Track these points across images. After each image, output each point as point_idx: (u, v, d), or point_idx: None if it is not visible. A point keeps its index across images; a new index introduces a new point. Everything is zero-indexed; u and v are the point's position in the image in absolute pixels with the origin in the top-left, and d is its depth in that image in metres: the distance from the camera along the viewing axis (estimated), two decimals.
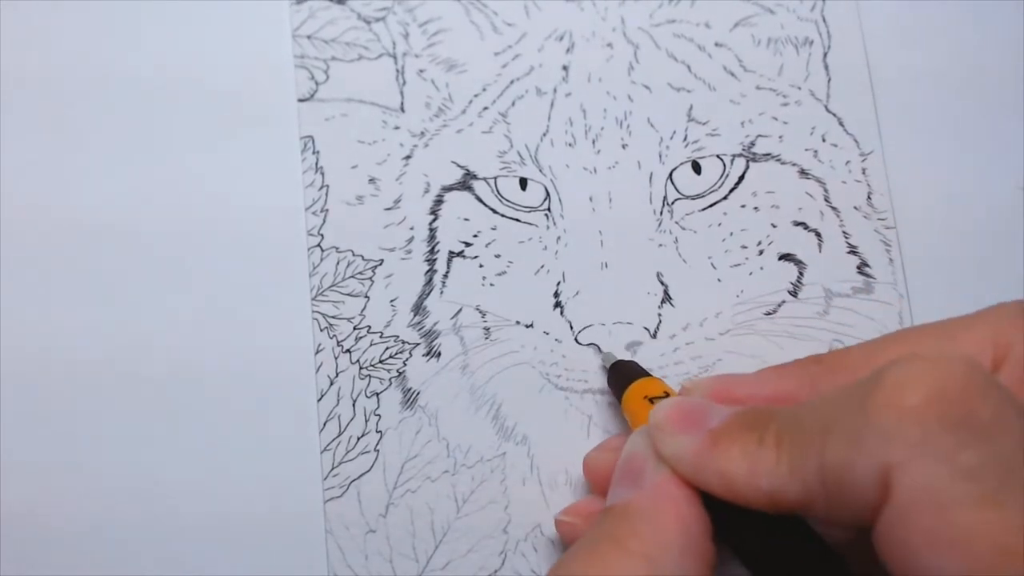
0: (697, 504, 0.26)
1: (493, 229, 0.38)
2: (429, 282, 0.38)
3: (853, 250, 0.38)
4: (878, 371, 0.23)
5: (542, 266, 0.38)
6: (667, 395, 0.31)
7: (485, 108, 0.39)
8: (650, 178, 0.38)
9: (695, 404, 0.27)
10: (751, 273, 0.38)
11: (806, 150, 0.39)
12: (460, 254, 0.38)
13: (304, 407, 0.36)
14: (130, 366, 0.36)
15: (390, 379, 0.37)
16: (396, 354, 0.37)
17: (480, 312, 0.37)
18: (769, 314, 0.37)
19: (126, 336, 0.37)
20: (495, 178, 0.38)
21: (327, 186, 0.38)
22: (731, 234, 0.38)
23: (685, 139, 0.38)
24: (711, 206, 0.38)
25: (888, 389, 0.22)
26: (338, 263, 0.38)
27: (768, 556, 0.25)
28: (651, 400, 0.31)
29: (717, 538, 0.26)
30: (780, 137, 0.39)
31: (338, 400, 0.37)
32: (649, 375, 0.34)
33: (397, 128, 0.39)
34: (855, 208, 0.38)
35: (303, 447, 0.36)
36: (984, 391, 0.22)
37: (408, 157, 0.39)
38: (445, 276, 0.38)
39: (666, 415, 0.27)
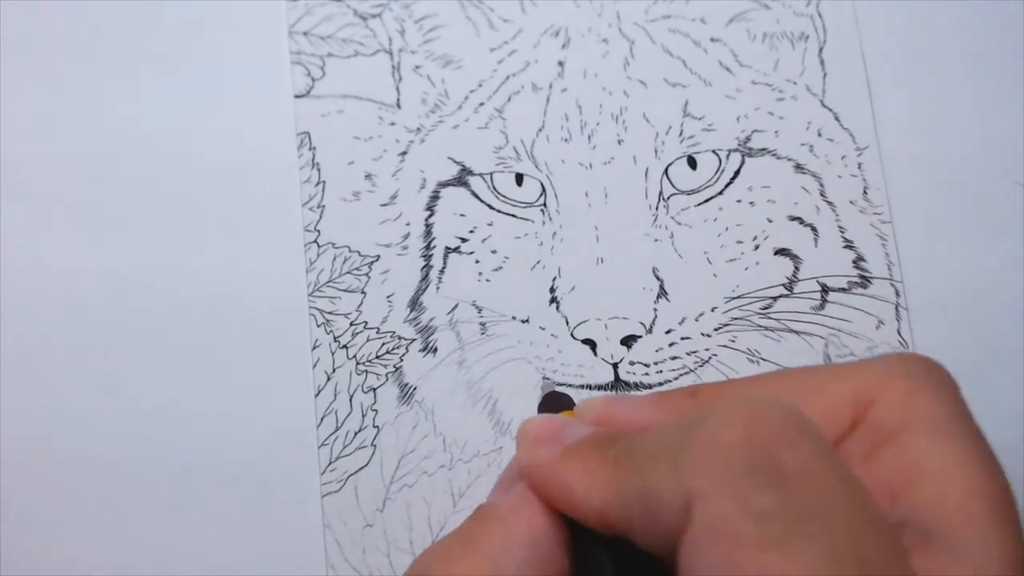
0: (551, 514, 0.26)
1: (489, 225, 0.38)
2: (425, 278, 0.38)
3: (849, 245, 0.38)
4: (713, 407, 0.23)
5: (538, 261, 0.38)
6: None
7: (481, 104, 0.39)
8: (646, 173, 0.38)
9: (558, 421, 0.27)
10: (747, 268, 0.38)
11: (802, 145, 0.39)
12: (456, 250, 0.38)
13: (301, 402, 0.37)
14: (126, 362, 0.37)
15: (387, 374, 0.37)
16: (393, 350, 0.37)
17: (476, 307, 0.37)
18: (765, 309, 0.37)
19: (122, 333, 0.37)
20: (491, 174, 0.38)
21: (323, 182, 0.38)
22: (727, 229, 0.38)
23: (681, 134, 0.38)
24: (707, 201, 0.38)
25: (710, 425, 0.22)
26: (335, 259, 0.38)
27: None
28: None
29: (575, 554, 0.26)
30: (776, 132, 0.39)
31: (335, 395, 0.37)
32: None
33: (393, 124, 0.39)
34: (851, 203, 0.38)
35: (300, 442, 0.36)
36: (794, 441, 0.22)
37: (404, 153, 0.39)
38: (441, 272, 0.38)
39: (529, 428, 0.27)
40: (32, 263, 0.37)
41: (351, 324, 0.37)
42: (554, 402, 0.35)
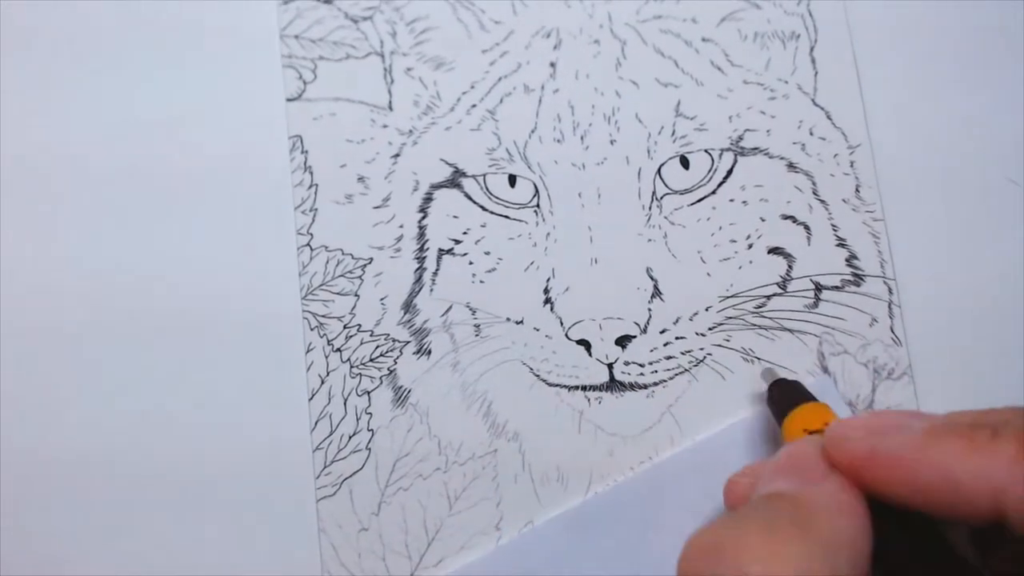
0: (868, 515, 0.25)
1: (482, 226, 0.38)
2: (419, 280, 0.38)
3: (842, 243, 0.38)
4: None
5: (532, 262, 0.38)
6: None
7: (473, 105, 0.39)
8: (638, 173, 0.38)
9: (887, 415, 0.26)
10: (740, 267, 0.38)
11: (794, 144, 0.39)
12: (449, 251, 0.38)
13: (295, 406, 0.36)
14: (121, 365, 0.36)
15: (381, 377, 0.37)
16: (387, 352, 0.37)
17: (470, 309, 0.37)
18: (759, 308, 0.37)
19: (117, 335, 0.37)
20: (484, 175, 0.38)
21: (316, 185, 0.38)
22: (720, 228, 0.38)
23: (673, 134, 0.38)
24: (700, 200, 0.38)
25: None
26: (327, 262, 0.38)
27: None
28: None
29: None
30: (768, 131, 0.39)
31: (329, 399, 0.37)
32: (815, 399, 0.33)
33: (385, 126, 0.39)
34: (843, 201, 0.38)
35: (295, 446, 0.36)
36: None
37: (397, 155, 0.39)
38: (435, 274, 0.38)
39: (850, 424, 0.26)
40: (24, 269, 0.37)
41: (345, 327, 0.37)
42: (786, 392, 0.33)
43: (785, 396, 0.34)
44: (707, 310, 0.37)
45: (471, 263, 0.38)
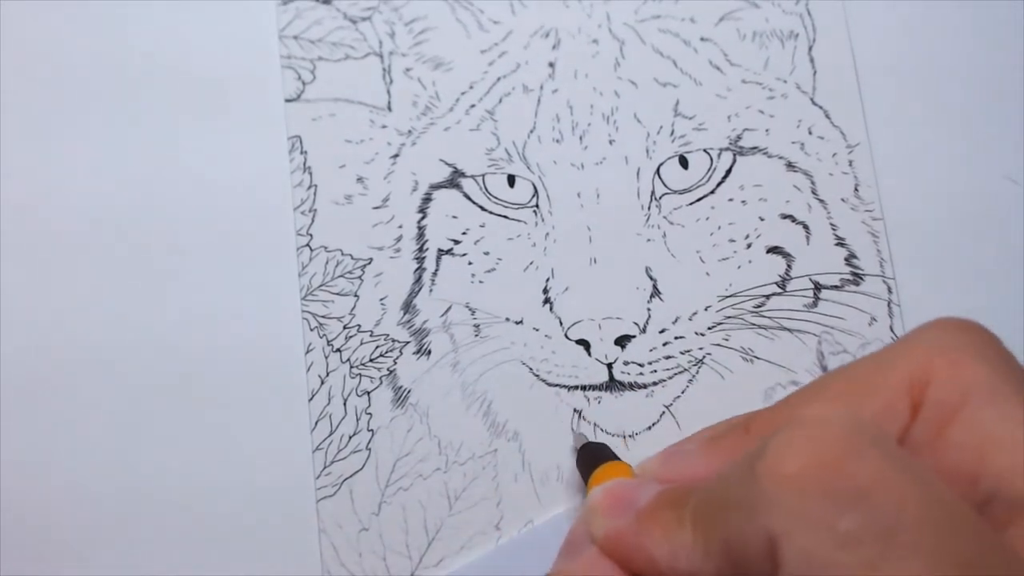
0: None
1: (482, 226, 0.38)
2: (418, 280, 0.38)
3: (841, 242, 0.38)
4: (767, 438, 0.22)
5: (531, 263, 0.38)
6: None
7: (472, 106, 0.39)
8: (637, 173, 0.38)
9: (627, 486, 0.27)
10: (739, 267, 0.38)
11: (793, 143, 0.39)
12: (449, 252, 0.38)
13: (295, 406, 0.36)
14: (120, 367, 0.37)
15: (381, 377, 0.37)
16: (386, 352, 0.37)
17: (470, 309, 0.37)
18: (758, 307, 0.37)
19: (117, 337, 0.37)
20: (483, 175, 0.38)
21: (315, 186, 0.38)
22: (719, 228, 0.38)
23: (672, 134, 0.38)
24: (699, 200, 0.38)
25: (769, 457, 0.21)
26: (327, 262, 0.38)
27: None
28: None
29: None
30: (767, 130, 0.39)
31: (329, 399, 0.37)
32: (617, 459, 0.32)
33: (384, 127, 0.39)
34: (842, 200, 0.38)
35: (295, 446, 0.36)
36: (862, 453, 0.21)
37: (396, 156, 0.39)
38: (434, 274, 0.38)
39: (598, 499, 0.27)
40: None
41: (344, 327, 0.37)
42: (592, 454, 0.33)
43: (591, 458, 0.33)
44: (706, 310, 0.37)
45: (470, 263, 0.38)
